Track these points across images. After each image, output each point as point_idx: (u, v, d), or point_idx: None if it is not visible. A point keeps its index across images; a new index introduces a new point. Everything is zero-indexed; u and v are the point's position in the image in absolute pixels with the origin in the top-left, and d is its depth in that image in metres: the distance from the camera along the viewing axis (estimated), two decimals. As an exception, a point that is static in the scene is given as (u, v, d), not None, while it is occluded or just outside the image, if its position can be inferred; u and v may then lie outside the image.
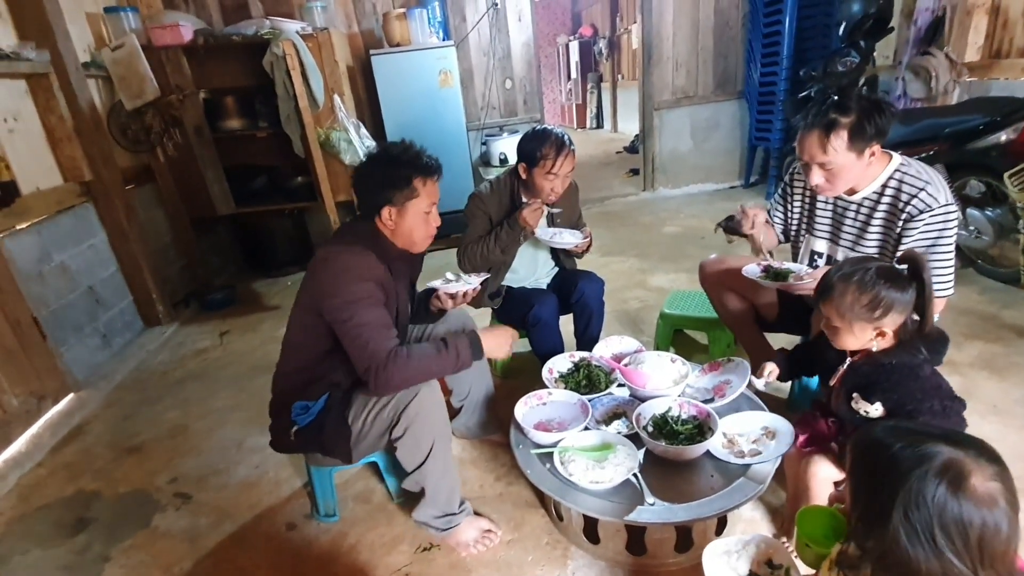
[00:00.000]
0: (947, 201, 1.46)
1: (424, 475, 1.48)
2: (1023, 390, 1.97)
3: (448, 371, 1.46)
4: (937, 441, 0.74)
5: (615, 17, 9.55)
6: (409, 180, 1.43)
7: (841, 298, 1.21)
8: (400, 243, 1.51)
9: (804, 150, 1.53)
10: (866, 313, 1.19)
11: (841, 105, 1.44)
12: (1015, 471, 1.67)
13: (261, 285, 4.02)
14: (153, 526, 1.81)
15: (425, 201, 1.47)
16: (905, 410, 1.20)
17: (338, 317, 1.37)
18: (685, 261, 3.52)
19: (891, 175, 1.53)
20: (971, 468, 0.71)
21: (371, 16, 4.42)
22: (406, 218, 1.46)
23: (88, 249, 2.95)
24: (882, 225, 1.58)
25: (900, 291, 1.18)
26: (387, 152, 1.48)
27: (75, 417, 2.48)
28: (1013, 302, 2.55)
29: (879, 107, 1.43)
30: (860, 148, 1.46)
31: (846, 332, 1.24)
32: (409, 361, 1.37)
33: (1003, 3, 3.26)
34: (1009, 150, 2.46)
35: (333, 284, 1.38)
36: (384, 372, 1.34)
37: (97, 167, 2.95)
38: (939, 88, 3.45)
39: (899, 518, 0.71)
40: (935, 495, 0.70)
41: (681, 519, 1.30)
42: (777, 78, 4.41)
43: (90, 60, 3.20)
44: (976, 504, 0.69)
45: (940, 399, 1.20)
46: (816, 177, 1.54)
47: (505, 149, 4.37)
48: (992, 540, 0.69)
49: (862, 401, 1.23)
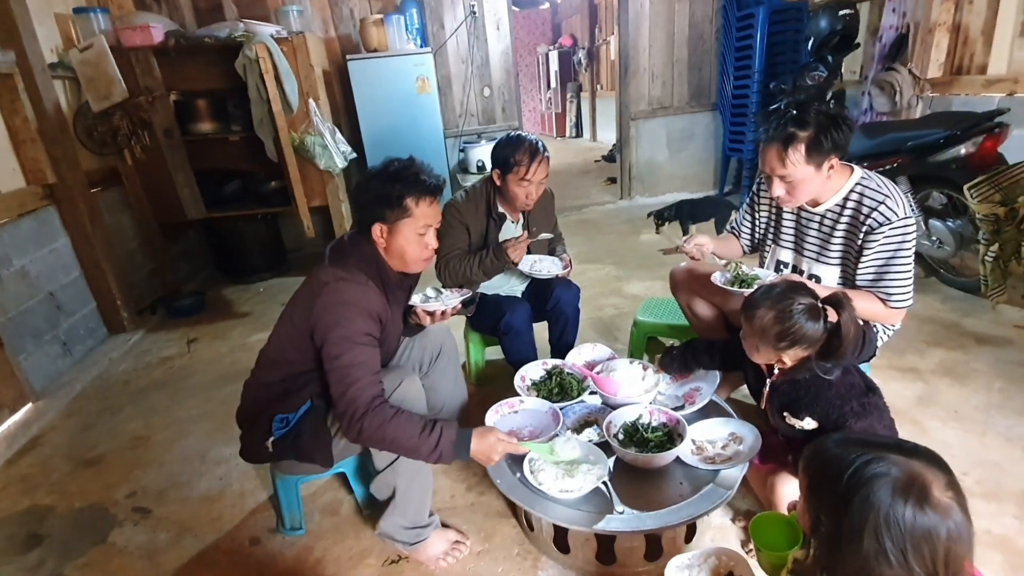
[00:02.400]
0: (906, 214, 1.50)
1: (396, 474, 1.44)
2: (983, 396, 2.03)
3: (420, 457, 1.31)
4: (891, 452, 0.75)
5: (594, 28, 9.67)
6: (401, 199, 1.38)
7: (761, 319, 1.28)
8: (393, 263, 1.47)
9: (765, 163, 1.57)
10: (774, 341, 1.26)
11: (799, 119, 1.46)
12: (975, 475, 1.72)
13: (232, 291, 3.93)
14: (110, 542, 1.74)
15: (419, 222, 1.41)
16: (831, 418, 1.26)
17: (330, 351, 1.33)
18: (660, 269, 3.55)
19: (852, 188, 1.57)
20: (930, 480, 0.72)
21: (348, 21, 4.40)
22: (396, 238, 1.42)
23: (50, 254, 2.86)
24: (844, 237, 1.61)
25: (813, 331, 1.24)
26: (387, 168, 1.44)
27: (32, 428, 2.39)
28: (973, 310, 2.63)
29: (836, 122, 1.46)
30: (818, 162, 1.49)
31: (752, 348, 1.33)
32: (387, 423, 1.28)
33: (964, 22, 3.39)
34: (968, 163, 2.54)
35: (332, 315, 1.34)
36: (359, 422, 1.28)
37: (61, 169, 2.86)
38: (903, 103, 3.57)
39: (870, 541, 0.71)
40: (904, 514, 0.70)
41: (650, 527, 1.30)
42: (749, 91, 4.51)
43: (57, 61, 3.12)
44: (941, 516, 0.70)
45: (856, 398, 1.26)
46: (777, 189, 1.57)
47: (483, 156, 4.38)
48: (956, 548, 0.70)
49: (792, 418, 1.29)
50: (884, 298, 1.54)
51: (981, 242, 2.46)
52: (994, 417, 1.91)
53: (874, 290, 1.55)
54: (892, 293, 1.53)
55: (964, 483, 1.59)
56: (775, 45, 4.43)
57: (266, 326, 3.22)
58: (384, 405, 1.31)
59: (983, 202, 2.35)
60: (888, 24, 3.70)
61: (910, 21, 3.59)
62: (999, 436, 1.82)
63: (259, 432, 1.46)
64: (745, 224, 1.91)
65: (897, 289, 1.52)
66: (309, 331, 1.37)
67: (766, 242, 1.85)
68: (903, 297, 1.53)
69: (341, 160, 3.65)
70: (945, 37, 3.48)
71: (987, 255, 2.41)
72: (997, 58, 3.21)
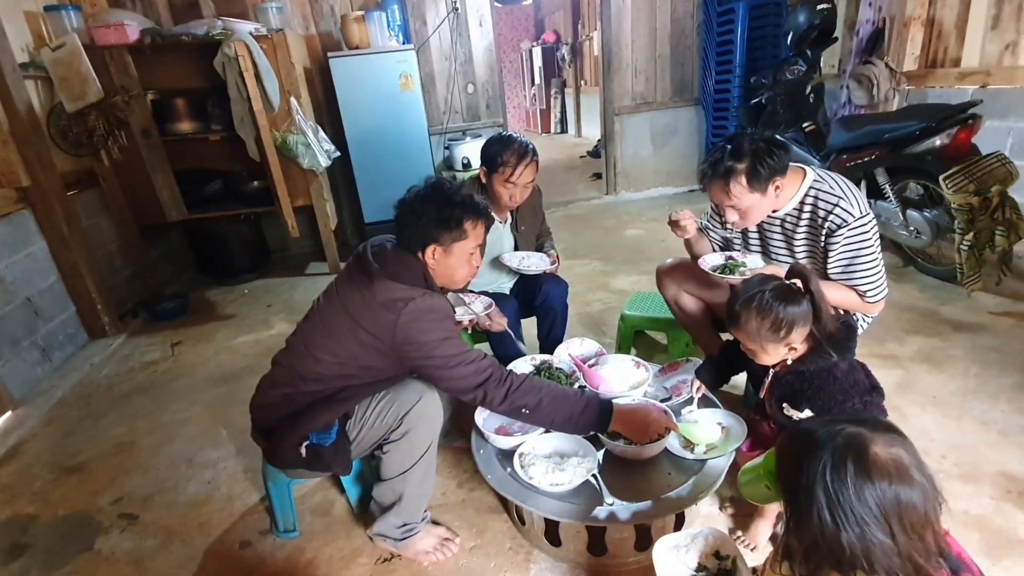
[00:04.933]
0: (861, 213, 1.51)
1: (406, 481, 1.45)
2: (959, 382, 2.08)
3: (564, 419, 1.42)
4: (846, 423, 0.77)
5: (577, 24, 9.68)
6: (461, 222, 1.39)
7: (747, 325, 1.27)
8: (439, 281, 1.47)
9: (712, 195, 1.62)
10: (772, 335, 1.26)
11: (735, 152, 1.51)
12: (952, 458, 1.77)
13: (216, 293, 3.88)
14: (96, 550, 1.71)
15: (472, 243, 1.44)
16: (831, 413, 1.25)
17: (435, 352, 1.36)
18: (646, 263, 3.58)
19: (807, 192, 1.59)
20: (871, 439, 0.74)
21: (329, 18, 4.35)
22: (450, 259, 1.42)
23: (26, 258, 2.79)
24: (806, 238, 1.64)
25: (796, 306, 1.24)
26: (440, 190, 1.42)
27: (11, 436, 2.33)
28: (950, 298, 2.70)
29: (771, 148, 1.50)
30: (761, 188, 1.52)
31: (761, 353, 1.31)
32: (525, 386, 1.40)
33: (937, 16, 3.46)
34: (943, 154, 2.60)
35: (420, 324, 1.35)
36: (500, 387, 1.38)
37: (35, 172, 2.79)
38: (880, 96, 3.63)
39: (820, 501, 0.73)
40: (847, 471, 0.72)
41: (639, 518, 1.31)
42: (731, 85, 4.56)
43: (29, 60, 3.04)
44: (884, 472, 0.71)
45: (859, 396, 1.26)
46: (731, 215, 1.62)
47: (468, 153, 4.36)
48: (908, 507, 0.71)
49: (792, 409, 1.29)
50: (860, 293, 1.57)
51: (957, 231, 2.51)
52: (970, 402, 1.96)
53: (848, 284, 1.59)
54: (865, 289, 1.56)
55: (942, 466, 1.66)
56: (755, 40, 4.47)
57: (251, 328, 3.25)
58: (520, 378, 1.41)
59: (958, 192, 2.41)
60: (864, 18, 3.76)
61: (886, 15, 3.65)
62: (975, 420, 1.87)
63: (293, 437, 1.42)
64: (714, 230, 1.94)
65: (868, 285, 1.55)
66: (388, 348, 1.37)
67: (734, 247, 1.88)
68: (876, 290, 1.56)
69: (325, 159, 3.61)
70: (920, 31, 3.55)
71: (962, 244, 2.47)
72: (970, 51, 3.29)
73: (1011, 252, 2.45)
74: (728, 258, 1.76)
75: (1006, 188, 2.37)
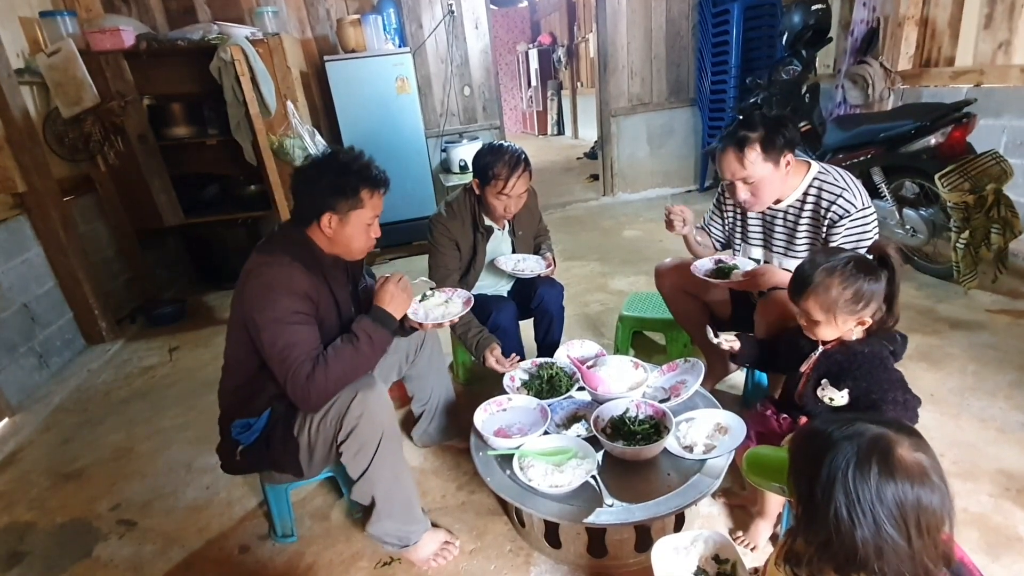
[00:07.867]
0: (863, 205, 1.55)
1: (372, 482, 1.43)
2: (957, 379, 2.09)
3: (371, 358, 1.40)
4: (864, 422, 0.76)
5: (573, 26, 9.70)
6: (357, 190, 1.39)
7: (826, 292, 1.21)
8: (336, 251, 1.46)
9: (725, 169, 1.63)
10: (851, 306, 1.21)
11: (748, 123, 1.56)
12: (951, 456, 1.77)
13: (214, 298, 3.88)
14: (95, 556, 1.70)
15: (369, 213, 1.43)
16: (870, 399, 1.22)
17: (265, 338, 1.32)
18: (644, 264, 3.59)
19: (811, 183, 1.62)
20: (896, 440, 0.73)
21: (325, 22, 4.35)
22: (347, 228, 1.42)
23: (22, 264, 2.79)
24: (808, 230, 1.66)
25: (876, 282, 1.21)
26: (336, 158, 1.43)
27: (9, 443, 2.33)
28: (947, 296, 2.70)
29: (782, 121, 1.56)
30: (775, 158, 1.55)
31: (827, 325, 1.24)
32: (328, 367, 1.33)
33: (931, 15, 3.48)
34: (938, 153, 2.61)
35: (258, 300, 1.33)
36: (308, 396, 1.32)
37: (31, 178, 2.79)
38: (875, 95, 3.65)
39: (840, 498, 0.72)
40: (871, 472, 0.71)
41: (639, 519, 1.31)
42: (726, 86, 4.57)
43: (24, 66, 3.03)
44: (907, 476, 0.71)
45: (903, 391, 1.25)
46: (742, 193, 1.62)
47: (465, 156, 4.36)
48: (927, 510, 0.71)
49: (830, 388, 1.26)
50: None
51: (952, 230, 2.52)
52: (968, 399, 1.97)
53: None
54: None
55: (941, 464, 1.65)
56: (750, 40, 4.49)
57: (249, 332, 3.23)
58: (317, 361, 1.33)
59: (953, 191, 2.42)
60: (859, 18, 3.77)
61: (880, 15, 3.67)
62: (973, 418, 1.88)
63: (227, 442, 1.46)
64: (715, 224, 1.95)
65: None
66: (244, 324, 1.37)
67: (735, 240, 1.90)
68: None
69: (321, 162, 3.61)
70: (914, 30, 3.56)
71: (958, 242, 2.48)
72: (963, 50, 3.31)
73: (1007, 250, 2.46)
74: (718, 262, 1.77)
75: (1001, 186, 2.38)
